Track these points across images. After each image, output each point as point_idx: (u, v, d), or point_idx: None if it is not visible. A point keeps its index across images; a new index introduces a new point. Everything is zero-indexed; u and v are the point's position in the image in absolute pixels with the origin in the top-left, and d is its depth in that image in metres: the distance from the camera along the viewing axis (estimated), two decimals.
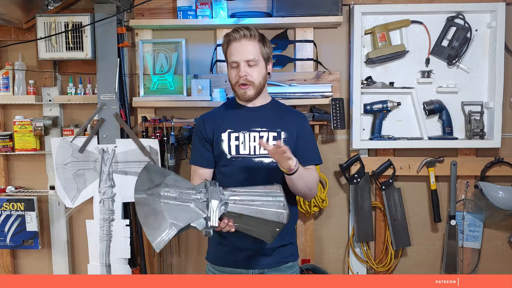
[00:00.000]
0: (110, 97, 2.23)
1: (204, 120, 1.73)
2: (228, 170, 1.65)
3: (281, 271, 1.68)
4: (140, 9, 2.33)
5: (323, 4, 2.23)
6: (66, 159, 2.26)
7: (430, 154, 2.36)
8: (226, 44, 1.68)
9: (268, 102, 1.75)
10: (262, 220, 1.43)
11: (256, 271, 1.66)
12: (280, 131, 1.68)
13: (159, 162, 2.23)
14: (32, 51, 2.37)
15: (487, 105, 2.32)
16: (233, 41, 1.65)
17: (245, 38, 1.63)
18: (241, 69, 1.63)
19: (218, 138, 1.68)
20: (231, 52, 1.65)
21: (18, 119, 2.35)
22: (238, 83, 1.64)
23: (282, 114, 1.73)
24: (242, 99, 1.68)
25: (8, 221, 2.36)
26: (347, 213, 2.45)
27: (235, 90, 1.68)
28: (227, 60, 1.70)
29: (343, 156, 2.43)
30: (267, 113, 1.72)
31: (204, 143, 1.70)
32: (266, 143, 1.52)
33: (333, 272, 2.45)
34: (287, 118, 1.72)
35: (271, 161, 1.64)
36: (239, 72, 1.63)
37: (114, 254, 2.26)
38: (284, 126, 1.69)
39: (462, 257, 2.42)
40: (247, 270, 1.66)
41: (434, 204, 2.37)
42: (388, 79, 2.34)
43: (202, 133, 1.71)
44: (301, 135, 1.70)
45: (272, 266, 1.68)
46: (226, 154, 1.66)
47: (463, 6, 2.26)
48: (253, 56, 1.63)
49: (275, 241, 1.60)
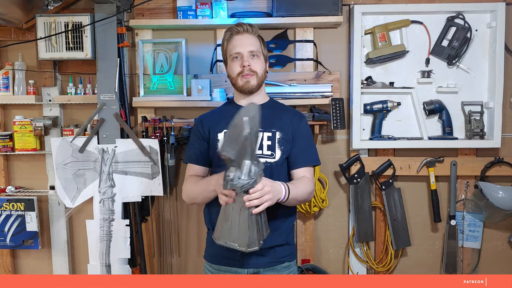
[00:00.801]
0: (110, 97, 2.23)
1: (202, 120, 1.76)
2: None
3: (276, 271, 1.67)
4: (140, 9, 2.33)
5: (323, 4, 2.23)
6: (66, 159, 2.26)
7: (430, 154, 2.36)
8: (227, 38, 1.69)
9: (266, 102, 1.75)
10: (242, 229, 1.44)
11: (251, 270, 1.65)
12: (275, 131, 1.67)
13: (159, 162, 2.23)
14: (32, 51, 2.37)
15: (487, 105, 2.32)
16: (235, 34, 1.67)
17: (247, 32, 1.67)
18: (244, 59, 1.65)
19: (215, 138, 1.68)
20: (234, 45, 1.67)
21: (18, 119, 2.35)
22: (242, 73, 1.65)
23: (278, 113, 1.72)
24: (244, 89, 1.67)
25: (8, 221, 2.36)
26: (347, 213, 2.45)
27: (237, 82, 1.68)
28: (226, 55, 1.70)
29: (343, 156, 2.43)
30: (264, 112, 1.70)
31: (201, 141, 1.72)
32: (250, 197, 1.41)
33: (333, 272, 2.45)
34: (283, 117, 1.71)
35: (265, 161, 1.64)
36: (243, 62, 1.65)
37: (114, 254, 2.26)
38: (279, 126, 1.68)
39: (462, 257, 2.42)
40: (242, 269, 1.65)
41: (434, 204, 2.37)
42: (388, 79, 2.34)
43: (200, 131, 1.73)
44: (297, 134, 1.69)
45: (268, 266, 1.67)
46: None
47: (463, 6, 2.26)
48: (256, 48, 1.66)
49: (271, 240, 1.61)
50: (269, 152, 1.67)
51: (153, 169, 2.25)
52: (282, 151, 1.67)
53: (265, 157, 1.65)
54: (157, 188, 2.26)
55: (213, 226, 1.61)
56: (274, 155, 1.67)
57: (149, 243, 2.44)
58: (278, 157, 1.66)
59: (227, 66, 1.73)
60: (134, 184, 2.25)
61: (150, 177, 2.25)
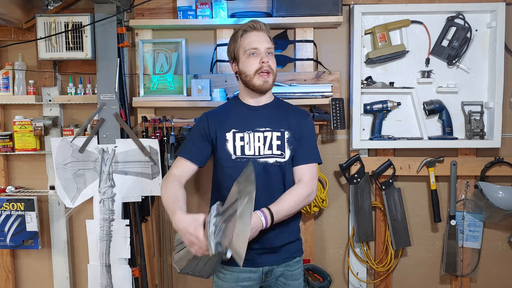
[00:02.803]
0: (110, 97, 2.23)
1: (209, 117, 1.72)
2: (233, 172, 1.63)
3: (289, 266, 1.72)
4: (140, 9, 2.33)
5: (323, 4, 2.23)
6: (66, 159, 2.26)
7: (430, 154, 2.36)
8: (241, 34, 1.66)
9: (272, 101, 1.75)
10: (209, 265, 1.54)
11: (266, 269, 1.68)
12: (284, 130, 1.69)
13: (159, 162, 2.23)
14: (32, 51, 2.37)
15: (487, 105, 2.32)
16: (251, 30, 1.66)
17: (261, 31, 1.67)
18: (263, 55, 1.63)
19: (222, 137, 1.66)
20: (251, 40, 1.65)
21: (18, 119, 2.35)
22: (260, 70, 1.63)
23: (285, 113, 1.73)
24: (262, 89, 1.66)
25: (8, 221, 2.36)
26: (347, 213, 2.45)
27: (253, 80, 1.65)
28: (239, 51, 1.67)
29: (343, 156, 2.43)
30: (271, 112, 1.72)
31: (203, 139, 1.70)
32: None
33: (333, 272, 2.45)
34: (290, 117, 1.72)
35: (275, 161, 1.66)
36: (262, 58, 1.63)
37: (114, 254, 2.27)
38: (288, 126, 1.70)
39: (462, 257, 2.42)
40: (257, 268, 1.67)
41: (434, 204, 2.37)
42: (388, 79, 2.34)
43: (204, 129, 1.70)
44: (304, 134, 1.71)
45: (281, 262, 1.71)
46: (231, 155, 1.65)
47: (463, 6, 2.26)
48: (271, 46, 1.67)
49: (282, 239, 1.67)
50: (279, 152, 1.68)
51: (153, 169, 2.25)
52: (291, 150, 1.69)
53: (275, 157, 1.67)
54: (157, 188, 2.26)
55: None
56: (284, 154, 1.69)
57: (149, 243, 2.44)
58: (287, 156, 1.69)
59: (238, 63, 1.69)
60: (134, 184, 2.25)
61: (150, 177, 2.25)
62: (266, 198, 1.61)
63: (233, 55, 1.71)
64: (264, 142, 1.67)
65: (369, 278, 2.47)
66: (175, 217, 1.49)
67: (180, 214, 1.49)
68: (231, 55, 1.72)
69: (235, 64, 1.72)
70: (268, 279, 1.71)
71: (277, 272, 1.71)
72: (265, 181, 1.64)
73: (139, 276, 2.38)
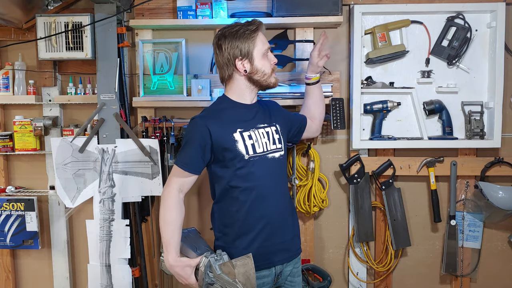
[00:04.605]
0: (110, 97, 2.23)
1: (207, 123, 1.61)
2: (246, 172, 1.62)
3: (294, 263, 1.76)
4: (140, 9, 2.33)
5: (323, 4, 2.23)
6: (66, 159, 2.26)
7: (430, 154, 2.36)
8: (254, 33, 1.64)
9: (256, 101, 1.81)
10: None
11: (278, 268, 1.71)
12: (275, 124, 1.77)
13: (159, 162, 2.23)
14: (32, 51, 2.37)
15: (487, 105, 2.32)
16: (261, 29, 1.68)
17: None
18: (272, 55, 1.73)
19: (231, 139, 1.62)
20: (263, 41, 1.69)
21: (18, 119, 2.35)
22: (274, 70, 1.73)
23: (268, 109, 1.81)
24: (274, 86, 1.74)
25: (8, 221, 2.36)
26: (347, 213, 2.45)
27: (269, 79, 1.70)
28: (253, 51, 1.64)
29: (343, 156, 2.43)
30: (260, 109, 1.78)
31: (205, 149, 1.62)
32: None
33: (333, 272, 2.45)
34: (272, 111, 1.81)
35: (279, 155, 1.73)
36: (272, 58, 1.72)
37: (114, 254, 2.27)
38: (276, 119, 1.78)
39: (462, 257, 2.42)
40: (269, 271, 1.69)
41: (434, 204, 2.37)
42: (388, 79, 2.34)
43: (205, 139, 1.61)
44: (285, 117, 1.85)
45: (290, 259, 1.74)
46: (243, 155, 1.62)
47: (463, 6, 2.26)
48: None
49: (294, 231, 1.77)
50: (280, 145, 1.74)
51: (153, 169, 2.25)
52: (284, 141, 1.78)
53: (279, 151, 1.73)
54: (157, 188, 2.26)
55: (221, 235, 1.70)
56: (282, 147, 1.75)
57: (149, 243, 2.44)
58: (284, 148, 1.77)
59: (252, 61, 1.65)
60: (134, 184, 2.26)
61: (150, 177, 2.26)
62: (277, 189, 1.71)
63: (245, 52, 1.63)
64: (268, 137, 1.70)
65: (369, 278, 2.47)
66: (169, 258, 1.59)
67: (173, 256, 1.60)
68: (241, 52, 1.63)
69: (247, 61, 1.65)
70: (279, 280, 1.74)
71: (286, 271, 1.74)
72: (275, 175, 1.70)
73: (139, 276, 2.38)
